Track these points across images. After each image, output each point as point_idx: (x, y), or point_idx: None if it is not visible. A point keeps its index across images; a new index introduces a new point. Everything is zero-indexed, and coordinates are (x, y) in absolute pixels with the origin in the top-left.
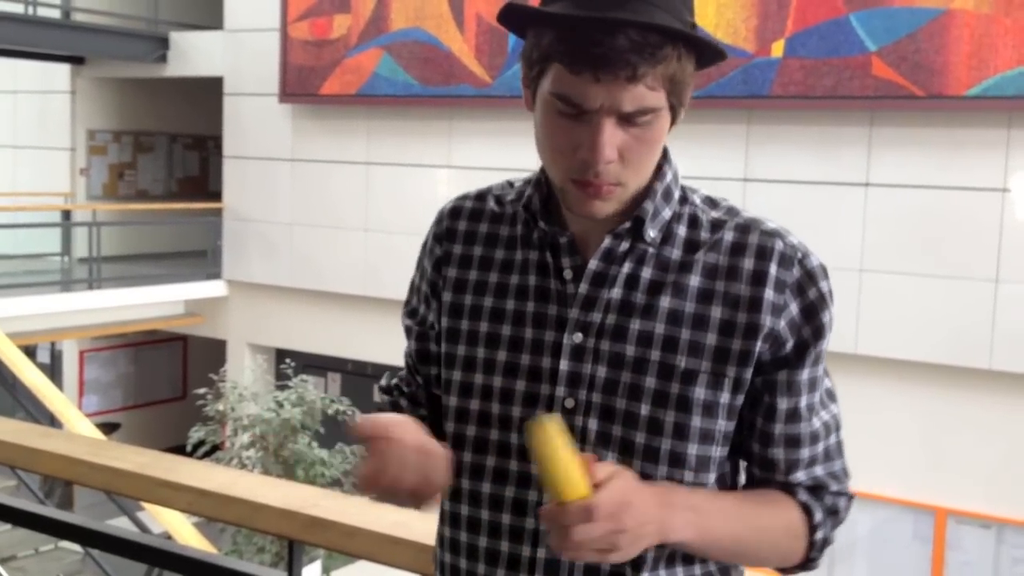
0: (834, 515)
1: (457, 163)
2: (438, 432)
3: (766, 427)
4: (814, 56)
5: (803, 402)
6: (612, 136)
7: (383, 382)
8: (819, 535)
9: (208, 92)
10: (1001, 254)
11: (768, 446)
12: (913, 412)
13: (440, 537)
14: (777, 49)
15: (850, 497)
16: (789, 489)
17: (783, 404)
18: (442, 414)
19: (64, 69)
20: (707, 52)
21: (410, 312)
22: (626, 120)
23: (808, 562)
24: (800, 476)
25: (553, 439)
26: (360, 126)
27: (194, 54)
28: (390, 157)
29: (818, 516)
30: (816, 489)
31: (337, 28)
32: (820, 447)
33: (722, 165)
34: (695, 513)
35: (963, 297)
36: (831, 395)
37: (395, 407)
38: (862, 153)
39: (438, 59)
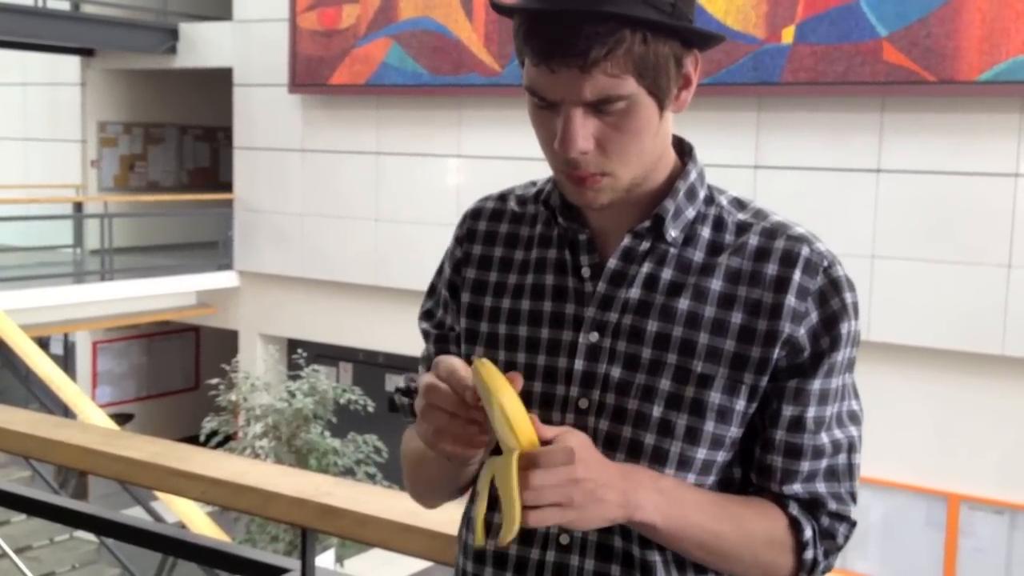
0: (829, 538)
1: (467, 152)
2: None
3: (769, 433)
4: (825, 42)
5: (810, 413)
6: (583, 126)
7: (401, 384)
8: (808, 555)
9: (218, 83)
10: (1014, 239)
11: (767, 452)
12: (925, 398)
13: (460, 539)
14: (787, 35)
15: (852, 524)
16: (782, 501)
17: (788, 411)
18: None
19: (74, 61)
20: (688, 34)
21: (426, 314)
22: (596, 109)
23: None
24: (796, 488)
25: (504, 382)
26: (370, 116)
27: (203, 45)
28: (400, 147)
29: (807, 533)
30: (812, 506)
31: (346, 18)
32: (823, 463)
33: (732, 152)
34: (664, 497)
35: (975, 283)
36: (853, 417)
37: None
38: (873, 139)
39: (447, 48)
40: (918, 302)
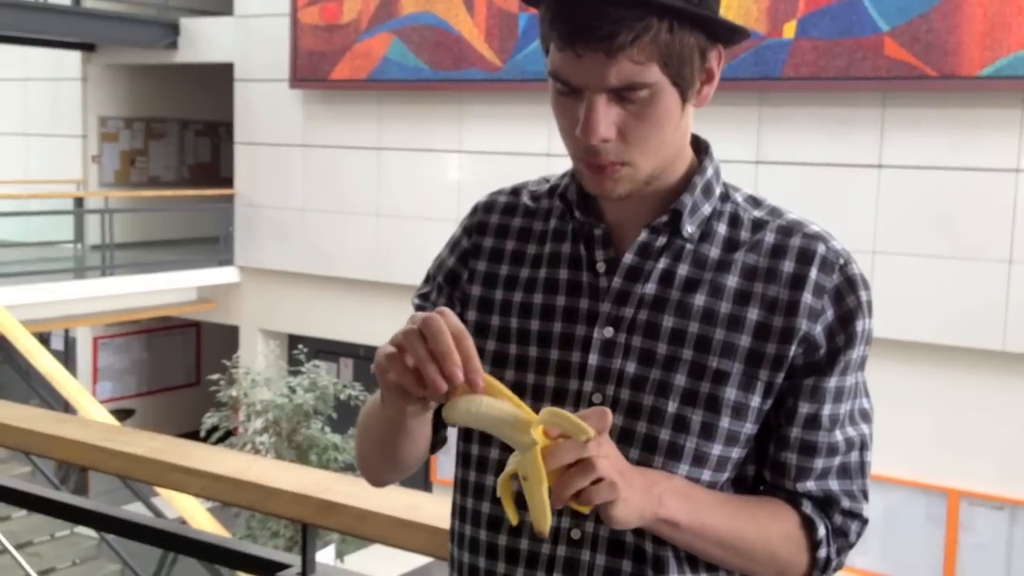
0: (842, 536)
1: (468, 147)
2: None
3: (784, 430)
4: (826, 37)
5: (826, 411)
6: (605, 113)
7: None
8: (822, 553)
9: (219, 78)
10: (1015, 235)
11: (782, 449)
12: (926, 394)
13: (459, 536)
14: (789, 30)
15: (864, 521)
16: (795, 500)
17: (804, 409)
18: None
19: (75, 56)
20: (715, 26)
21: (422, 297)
22: (619, 96)
23: None
24: (810, 486)
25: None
26: (371, 111)
27: (204, 40)
28: (401, 142)
29: (821, 532)
30: (826, 504)
31: (347, 13)
32: (837, 460)
33: (734, 147)
34: (683, 498)
35: (976, 278)
36: (864, 415)
37: None
38: (875, 134)
39: (448, 43)
40: (919, 297)
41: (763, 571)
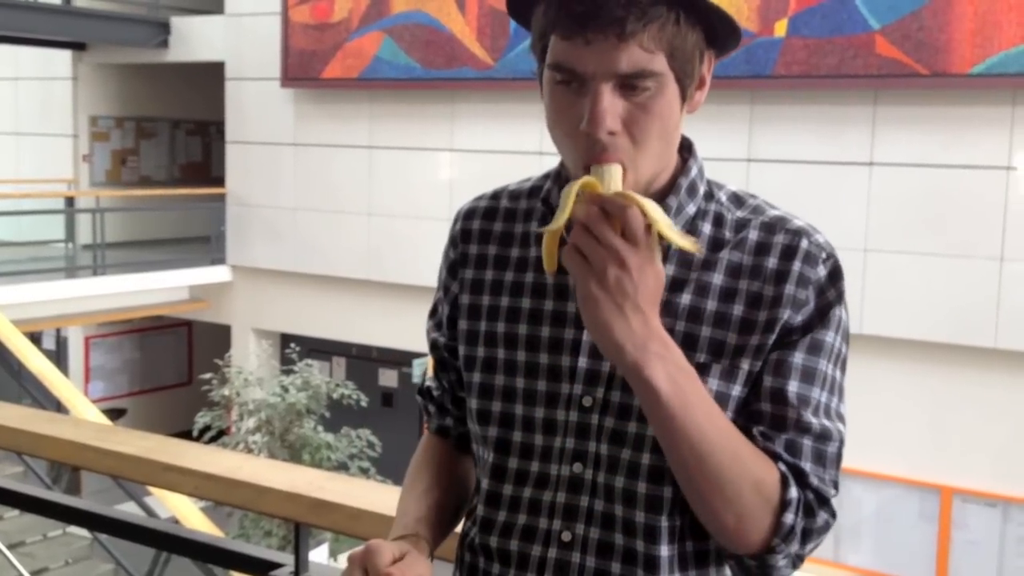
0: (810, 516)
1: (459, 146)
2: (464, 437)
3: (753, 405)
4: (817, 35)
5: (792, 387)
6: (612, 104)
7: (420, 381)
8: (788, 519)
9: (210, 77)
10: (1006, 232)
11: (751, 422)
12: (918, 391)
13: (463, 534)
14: (780, 28)
15: (832, 513)
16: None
17: (768, 382)
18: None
19: (65, 55)
20: (715, 24)
21: (432, 316)
22: (626, 87)
23: (767, 552)
24: (779, 450)
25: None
26: (362, 110)
27: (195, 39)
28: (392, 141)
29: (793, 492)
30: (797, 474)
31: (338, 11)
32: (809, 441)
33: (725, 146)
34: (683, 378)
35: (968, 276)
36: (841, 417)
37: (427, 411)
38: (866, 132)
39: (440, 42)
40: (911, 295)
41: (724, 508)
